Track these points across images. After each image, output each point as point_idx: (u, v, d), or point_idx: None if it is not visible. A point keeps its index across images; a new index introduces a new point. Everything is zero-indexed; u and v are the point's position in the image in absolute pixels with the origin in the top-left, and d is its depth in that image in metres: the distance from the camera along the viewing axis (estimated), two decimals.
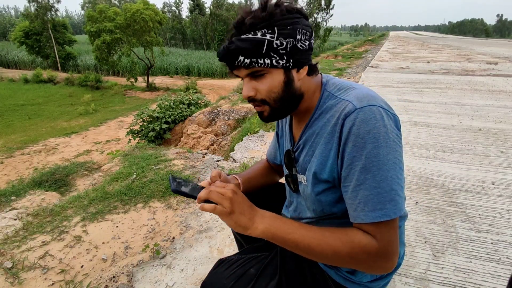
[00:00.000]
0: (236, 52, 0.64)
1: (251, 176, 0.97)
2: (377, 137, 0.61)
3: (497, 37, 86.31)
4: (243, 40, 0.63)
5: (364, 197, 0.61)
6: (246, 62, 0.64)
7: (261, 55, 0.64)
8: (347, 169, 0.64)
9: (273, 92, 0.68)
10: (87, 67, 28.82)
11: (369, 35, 64.60)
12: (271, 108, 0.70)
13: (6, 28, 62.88)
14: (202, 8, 48.16)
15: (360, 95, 0.66)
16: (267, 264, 0.82)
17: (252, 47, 0.63)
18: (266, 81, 0.67)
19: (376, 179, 0.60)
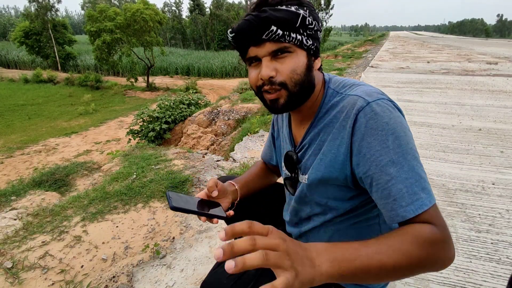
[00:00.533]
0: (269, 21, 0.59)
1: (248, 180, 0.95)
2: (396, 128, 0.58)
3: (497, 37, 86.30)
4: (278, 10, 0.60)
5: (398, 192, 0.56)
6: (279, 34, 0.60)
7: (294, 29, 0.61)
8: (370, 166, 0.59)
9: (296, 74, 0.64)
10: (87, 67, 28.82)
11: (369, 35, 64.60)
12: (289, 93, 0.65)
13: (6, 28, 62.87)
14: (202, 8, 48.16)
15: (368, 91, 0.65)
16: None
17: (288, 18, 0.60)
18: (290, 60, 0.63)
19: (405, 170, 0.56)
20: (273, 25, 0.60)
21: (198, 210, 0.70)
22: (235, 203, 0.89)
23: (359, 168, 0.62)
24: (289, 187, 0.82)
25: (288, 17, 0.60)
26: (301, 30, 0.62)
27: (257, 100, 5.72)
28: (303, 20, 0.62)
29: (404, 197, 0.55)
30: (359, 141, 0.61)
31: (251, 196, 0.96)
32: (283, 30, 0.60)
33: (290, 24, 0.61)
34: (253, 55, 0.64)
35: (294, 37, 0.62)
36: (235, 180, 0.92)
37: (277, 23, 0.60)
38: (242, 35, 0.63)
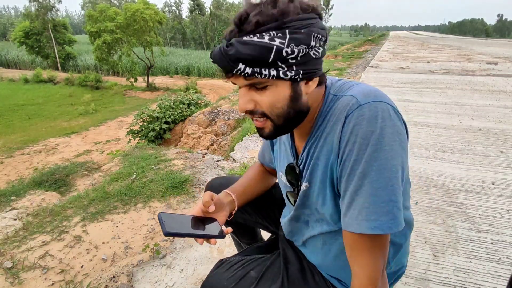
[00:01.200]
0: (235, 58, 0.52)
1: (245, 188, 0.90)
2: (382, 139, 0.53)
3: (497, 37, 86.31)
4: (246, 44, 0.52)
5: (360, 205, 0.54)
6: (247, 72, 0.53)
7: (266, 65, 0.53)
8: (347, 174, 0.57)
9: (276, 108, 0.58)
10: (87, 67, 28.82)
11: (369, 35, 64.61)
12: (274, 124, 0.60)
13: (6, 28, 62.86)
14: (202, 8, 48.16)
15: (366, 90, 0.58)
16: (268, 267, 0.81)
17: (257, 55, 0.52)
18: (268, 93, 0.57)
19: (374, 186, 0.53)
20: (240, 63, 0.53)
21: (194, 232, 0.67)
22: (232, 213, 0.86)
23: (338, 172, 0.60)
24: (291, 198, 0.78)
25: (257, 54, 0.52)
26: (279, 62, 0.53)
27: None
28: (278, 53, 0.52)
29: (362, 212, 0.54)
30: (344, 146, 0.57)
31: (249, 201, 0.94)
32: (252, 67, 0.53)
33: (261, 60, 0.52)
34: (233, 81, 0.59)
35: (267, 73, 0.53)
36: (232, 189, 0.88)
37: (244, 61, 0.52)
38: (217, 65, 0.57)
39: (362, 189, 0.54)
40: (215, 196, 0.78)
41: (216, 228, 0.73)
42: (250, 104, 0.59)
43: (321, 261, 0.78)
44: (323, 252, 0.76)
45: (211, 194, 0.76)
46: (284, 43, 0.52)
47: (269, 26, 0.52)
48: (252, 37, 0.52)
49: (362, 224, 0.54)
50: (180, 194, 2.18)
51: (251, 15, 0.53)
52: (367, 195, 0.53)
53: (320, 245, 0.76)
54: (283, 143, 0.79)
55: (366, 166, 0.53)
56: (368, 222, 0.53)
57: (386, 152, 0.53)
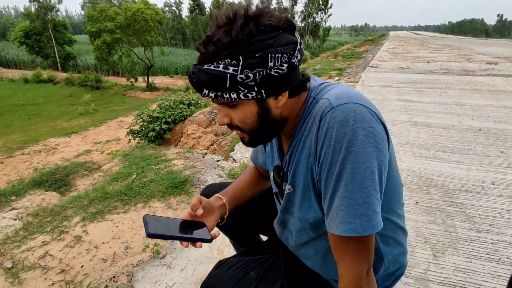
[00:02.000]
0: (199, 84, 0.57)
1: (236, 191, 0.91)
2: (354, 141, 0.53)
3: (497, 37, 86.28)
4: (204, 72, 0.56)
5: (336, 207, 0.56)
6: (211, 96, 0.58)
7: (225, 90, 0.56)
8: (324, 177, 0.58)
9: (247, 124, 0.62)
10: (87, 67, 28.82)
11: (369, 35, 64.58)
12: (250, 136, 0.65)
13: (6, 28, 62.88)
14: (202, 8, 48.15)
15: (338, 93, 0.59)
16: (268, 268, 0.81)
17: (214, 81, 0.55)
18: (238, 111, 0.61)
19: (348, 189, 0.54)
20: (204, 88, 0.57)
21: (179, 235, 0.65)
22: (224, 217, 0.86)
23: (317, 174, 0.61)
24: (280, 198, 0.79)
25: (214, 80, 0.55)
26: (237, 86, 0.55)
27: None
28: (233, 79, 0.54)
29: (339, 215, 0.55)
30: (320, 149, 0.58)
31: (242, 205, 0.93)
32: (214, 91, 0.57)
33: (219, 86, 0.56)
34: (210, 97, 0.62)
35: (228, 96, 0.57)
36: (223, 193, 0.88)
37: (207, 86, 0.57)
38: None
39: (338, 192, 0.55)
40: (204, 200, 0.78)
41: (203, 231, 0.72)
42: (226, 119, 0.63)
43: (318, 266, 0.77)
44: (317, 259, 0.75)
45: (200, 198, 0.77)
46: (237, 70, 0.54)
47: (223, 55, 0.54)
48: (210, 66, 0.55)
49: (339, 226, 0.55)
50: (180, 194, 2.18)
51: (210, 43, 0.56)
52: (342, 197, 0.55)
53: (313, 253, 0.75)
54: (273, 144, 0.81)
55: (340, 169, 0.54)
56: (343, 225, 0.55)
57: (359, 154, 0.53)
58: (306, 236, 0.73)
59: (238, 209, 0.92)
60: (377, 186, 0.55)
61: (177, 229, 0.66)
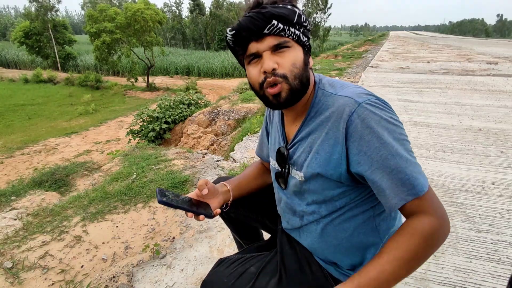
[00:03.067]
0: (270, 16, 0.63)
1: (241, 181, 0.95)
2: (388, 123, 0.62)
3: (497, 37, 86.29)
4: (278, 7, 0.64)
5: (400, 180, 0.60)
6: (280, 28, 0.64)
7: (292, 24, 0.65)
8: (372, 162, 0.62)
9: (296, 67, 0.67)
10: (87, 67, 28.80)
11: (369, 35, 64.57)
12: (290, 87, 0.67)
13: (6, 28, 62.86)
14: (202, 8, 48.16)
15: (357, 92, 0.67)
16: (267, 263, 0.82)
17: (287, 13, 0.64)
18: (289, 54, 0.66)
19: (403, 159, 0.61)
20: (274, 20, 0.63)
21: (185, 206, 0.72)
22: (228, 203, 0.90)
23: (360, 166, 0.64)
24: (281, 182, 0.83)
25: (287, 13, 0.64)
26: (297, 26, 0.66)
27: (257, 100, 5.72)
28: (299, 17, 0.66)
29: (406, 184, 0.60)
30: (358, 140, 0.63)
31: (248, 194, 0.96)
32: (283, 24, 0.64)
33: (289, 19, 0.64)
34: (253, 51, 0.67)
35: (293, 31, 0.65)
36: (228, 181, 0.93)
37: (277, 18, 0.63)
38: (244, 31, 0.65)
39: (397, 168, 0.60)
40: (209, 183, 0.82)
41: (206, 208, 0.78)
42: (275, 64, 0.66)
43: (319, 245, 0.79)
44: (322, 237, 0.77)
45: (206, 180, 0.81)
46: (301, 12, 0.67)
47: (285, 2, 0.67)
48: (279, 4, 0.66)
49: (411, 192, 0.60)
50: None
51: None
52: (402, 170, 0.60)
53: (319, 230, 0.77)
54: (276, 129, 0.86)
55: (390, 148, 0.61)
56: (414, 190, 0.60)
57: (396, 131, 0.63)
58: (317, 215, 0.76)
59: (242, 200, 0.95)
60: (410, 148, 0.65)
61: (184, 202, 0.73)
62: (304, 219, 0.80)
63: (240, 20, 0.65)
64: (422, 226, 0.59)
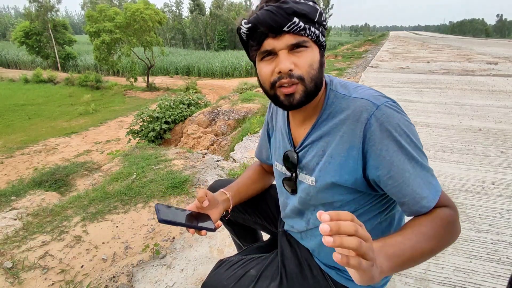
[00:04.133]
0: (292, 12, 0.58)
1: (240, 187, 0.93)
2: (406, 127, 0.62)
3: (497, 37, 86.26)
4: (299, 3, 0.60)
5: (418, 185, 0.61)
6: (300, 26, 0.59)
7: (313, 23, 0.61)
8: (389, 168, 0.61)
9: (313, 69, 0.63)
10: (87, 67, 28.80)
11: (369, 35, 64.56)
12: (305, 88, 0.63)
13: (6, 28, 62.85)
14: (202, 8, 48.15)
15: (372, 93, 0.66)
16: (268, 265, 0.81)
17: (310, 11, 0.60)
18: (307, 54, 0.62)
19: (419, 164, 0.61)
20: (295, 17, 0.59)
21: (186, 222, 0.70)
22: (228, 210, 0.88)
23: (379, 170, 0.63)
24: (287, 186, 0.81)
25: (309, 10, 0.60)
26: (317, 25, 0.62)
27: (257, 100, 5.72)
28: (320, 15, 0.62)
29: (423, 189, 0.61)
30: (376, 144, 0.62)
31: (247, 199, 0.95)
32: (304, 22, 0.60)
33: (310, 17, 0.60)
34: (269, 48, 0.62)
35: (313, 31, 0.61)
36: (227, 188, 0.91)
37: (299, 15, 0.59)
38: (262, 26, 0.60)
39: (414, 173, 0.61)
40: (209, 193, 0.80)
41: (208, 222, 0.76)
42: (292, 65, 0.62)
43: (322, 249, 0.78)
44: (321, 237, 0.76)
45: (205, 191, 0.79)
46: (321, 9, 0.63)
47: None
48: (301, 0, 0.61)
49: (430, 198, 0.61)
50: (180, 194, 2.18)
51: None
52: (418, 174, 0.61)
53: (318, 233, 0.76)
54: (280, 132, 0.83)
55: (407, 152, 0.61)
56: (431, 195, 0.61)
57: (412, 135, 0.63)
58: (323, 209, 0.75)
59: (242, 204, 0.94)
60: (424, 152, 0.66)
61: (184, 217, 0.71)
62: (310, 223, 0.78)
63: (258, 13, 0.60)
64: (443, 213, 0.60)
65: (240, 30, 0.64)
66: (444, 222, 0.59)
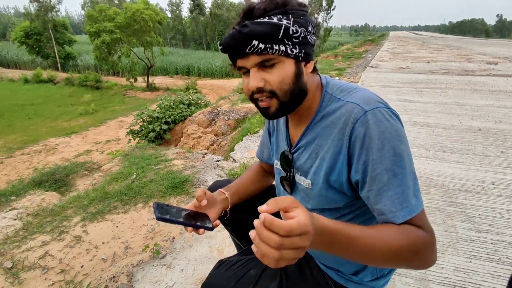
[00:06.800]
0: (250, 36, 0.60)
1: (239, 187, 0.94)
2: (392, 137, 0.60)
3: (497, 37, 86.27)
4: (258, 24, 0.60)
5: (389, 198, 0.59)
6: (261, 48, 0.60)
7: (276, 41, 0.61)
8: (365, 174, 0.62)
9: (285, 84, 0.64)
10: (87, 67, 28.80)
11: (369, 35, 64.57)
12: (280, 102, 0.66)
13: (6, 28, 62.88)
14: (202, 8, 48.16)
15: (365, 97, 0.65)
16: (267, 266, 0.82)
17: (269, 31, 0.60)
18: (277, 71, 0.63)
19: (398, 178, 0.59)
20: (254, 40, 0.60)
21: (184, 221, 0.71)
22: (227, 210, 0.88)
23: (357, 175, 0.63)
24: (286, 186, 0.82)
25: (268, 31, 0.60)
26: (285, 40, 0.61)
27: None
28: (286, 31, 0.61)
29: (395, 204, 0.59)
30: (358, 149, 0.62)
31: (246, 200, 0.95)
32: (264, 43, 0.60)
33: (272, 36, 0.60)
34: (241, 65, 0.65)
35: (277, 48, 0.61)
36: (226, 188, 0.91)
37: (258, 37, 0.60)
38: (228, 49, 0.64)
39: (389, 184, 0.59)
40: (208, 193, 0.81)
41: (206, 220, 0.77)
42: (261, 82, 0.64)
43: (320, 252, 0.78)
44: None
45: (204, 190, 0.79)
46: (290, 23, 0.61)
47: (275, 12, 0.62)
48: (263, 19, 0.61)
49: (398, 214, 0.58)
50: (180, 194, 2.18)
51: (257, 5, 0.62)
52: (394, 187, 0.59)
53: None
54: (280, 131, 0.84)
55: (388, 163, 0.59)
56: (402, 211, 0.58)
57: (397, 146, 0.60)
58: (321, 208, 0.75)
59: (241, 204, 0.94)
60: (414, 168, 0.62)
61: (182, 216, 0.72)
62: None
63: (225, 37, 0.63)
64: (416, 233, 0.57)
65: None
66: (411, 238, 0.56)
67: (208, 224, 0.75)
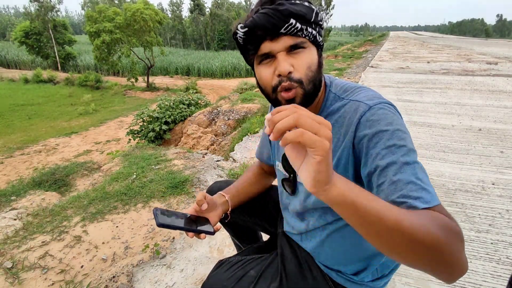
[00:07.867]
0: (288, 14, 0.57)
1: (239, 189, 0.93)
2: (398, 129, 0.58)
3: (497, 37, 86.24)
4: (295, 4, 0.59)
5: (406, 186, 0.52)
6: (298, 27, 0.58)
7: (310, 24, 0.60)
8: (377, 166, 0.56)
9: (311, 71, 0.62)
10: (87, 67, 28.79)
11: (369, 35, 64.56)
12: (305, 91, 0.62)
13: (6, 28, 62.88)
14: (202, 8, 48.16)
15: (369, 95, 0.65)
16: (267, 266, 0.81)
17: (305, 12, 0.59)
18: (305, 56, 0.61)
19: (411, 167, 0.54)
20: (292, 18, 0.58)
21: (185, 226, 0.70)
22: (228, 213, 0.88)
23: (366, 168, 0.60)
24: (287, 187, 0.81)
25: (305, 11, 0.59)
26: (314, 25, 0.61)
27: (257, 100, 5.72)
28: (316, 15, 0.61)
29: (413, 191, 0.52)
30: (366, 142, 0.59)
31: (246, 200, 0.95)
32: (301, 24, 0.59)
33: (306, 18, 0.59)
34: (266, 51, 0.61)
35: (310, 31, 0.61)
36: (226, 190, 0.91)
37: (296, 16, 0.58)
38: (258, 29, 0.59)
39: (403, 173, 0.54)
40: (208, 196, 0.80)
41: (207, 225, 0.76)
42: (291, 67, 0.61)
43: (322, 250, 0.78)
44: (326, 244, 0.76)
45: (204, 194, 0.79)
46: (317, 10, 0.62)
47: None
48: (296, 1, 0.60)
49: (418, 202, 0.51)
50: (180, 194, 2.18)
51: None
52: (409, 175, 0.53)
53: (324, 236, 0.76)
54: None
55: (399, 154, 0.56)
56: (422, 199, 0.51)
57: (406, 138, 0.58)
58: (323, 221, 0.75)
59: (241, 205, 0.93)
60: None
61: (183, 221, 0.71)
62: (310, 224, 0.78)
63: (254, 17, 0.59)
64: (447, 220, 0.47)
65: (237, 34, 0.63)
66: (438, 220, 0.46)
67: (209, 229, 0.74)
